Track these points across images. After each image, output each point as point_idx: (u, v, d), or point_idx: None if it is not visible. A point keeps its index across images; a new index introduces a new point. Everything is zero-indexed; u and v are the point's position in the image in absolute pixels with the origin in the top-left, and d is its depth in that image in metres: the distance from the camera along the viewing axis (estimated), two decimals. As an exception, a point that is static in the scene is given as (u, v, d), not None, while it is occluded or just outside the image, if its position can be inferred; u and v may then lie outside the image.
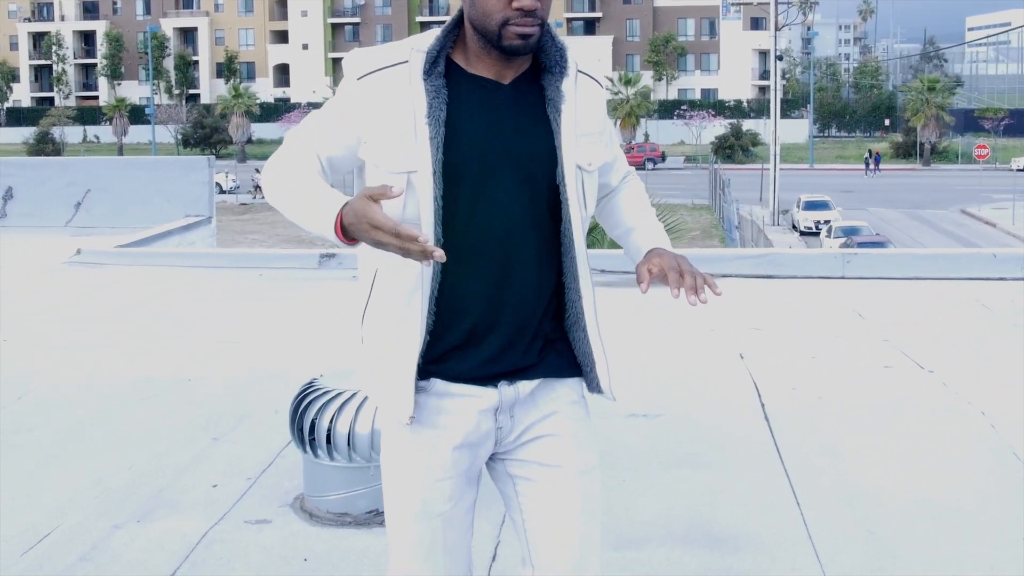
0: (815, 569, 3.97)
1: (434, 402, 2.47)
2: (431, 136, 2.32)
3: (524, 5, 2.27)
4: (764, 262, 10.76)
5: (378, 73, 2.39)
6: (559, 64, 2.42)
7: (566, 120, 2.39)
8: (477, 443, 2.51)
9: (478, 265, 2.41)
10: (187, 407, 5.99)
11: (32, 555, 4.14)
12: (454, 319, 2.43)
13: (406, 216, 2.33)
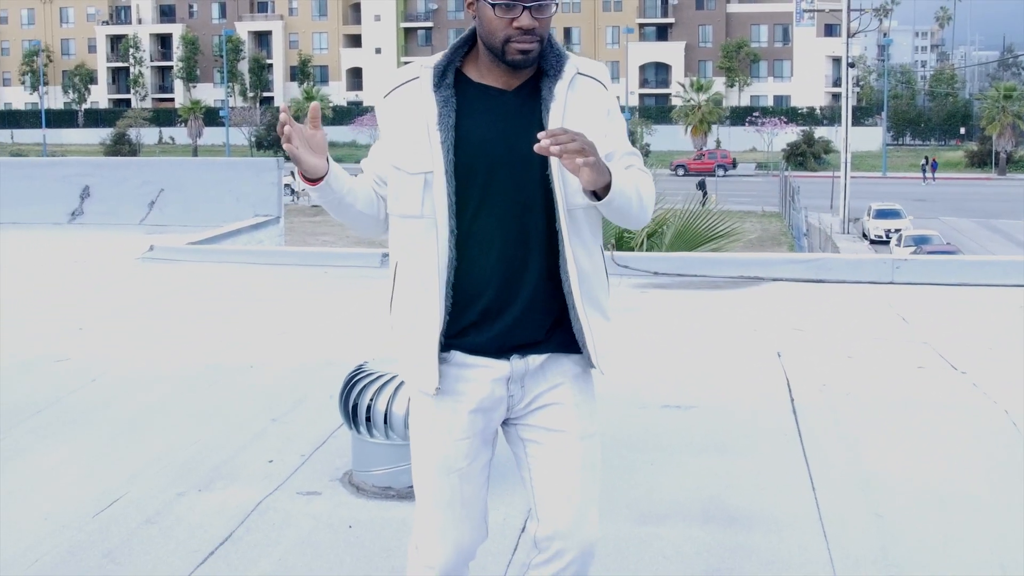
0: (821, 547, 4.26)
1: (454, 372, 2.82)
2: (442, 140, 2.69)
3: (523, 25, 2.63)
4: (814, 266, 10.97)
5: (396, 90, 2.79)
6: (555, 68, 2.76)
7: (554, 118, 2.72)
8: (491, 408, 2.85)
9: (489, 252, 2.76)
10: (249, 391, 6.40)
11: (103, 517, 4.54)
12: (470, 300, 2.79)
13: (424, 211, 2.72)
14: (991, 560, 4.17)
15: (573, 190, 2.73)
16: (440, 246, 2.75)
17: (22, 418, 5.89)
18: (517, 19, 2.65)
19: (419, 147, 2.73)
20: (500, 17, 2.66)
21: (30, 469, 5.13)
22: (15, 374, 6.82)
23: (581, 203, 2.75)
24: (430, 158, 2.71)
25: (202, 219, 14.32)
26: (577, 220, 2.77)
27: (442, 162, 2.71)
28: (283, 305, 9.28)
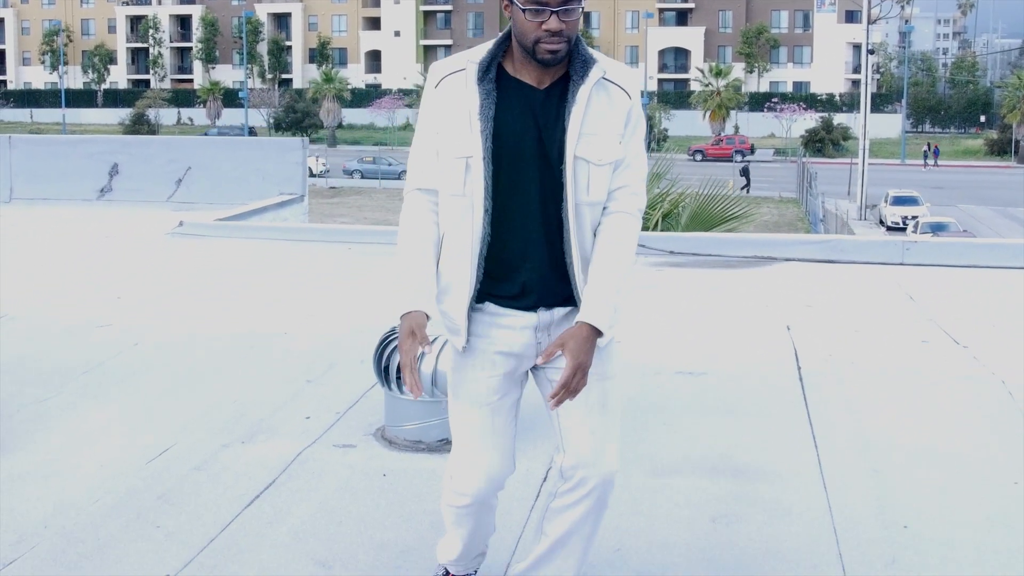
0: (821, 497, 4.59)
1: (487, 319, 3.19)
2: (482, 129, 3.04)
3: (551, 28, 2.96)
4: (826, 247, 11.26)
5: (446, 79, 3.13)
6: (580, 73, 3.07)
7: (573, 120, 3.05)
8: (520, 353, 3.22)
9: (519, 229, 3.13)
10: (284, 356, 6.75)
11: (154, 464, 4.90)
12: (501, 269, 3.16)
13: (465, 191, 3.08)
14: (979, 511, 4.49)
15: (581, 188, 3.08)
16: (475, 222, 3.10)
17: (71, 378, 6.25)
18: (545, 22, 2.96)
19: (461, 133, 3.07)
20: (530, 20, 2.98)
21: (82, 423, 5.49)
22: (61, 339, 7.18)
23: (586, 200, 3.10)
24: (471, 144, 3.06)
25: (228, 197, 14.65)
26: (582, 214, 3.10)
27: (480, 148, 3.05)
28: (310, 278, 9.62)
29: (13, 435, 5.29)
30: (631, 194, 3.14)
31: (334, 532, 4.22)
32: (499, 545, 3.96)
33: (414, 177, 3.20)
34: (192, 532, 4.20)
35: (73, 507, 4.44)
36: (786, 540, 4.20)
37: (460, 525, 3.41)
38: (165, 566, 3.92)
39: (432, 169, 3.16)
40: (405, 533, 4.21)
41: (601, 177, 3.10)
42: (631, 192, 3.14)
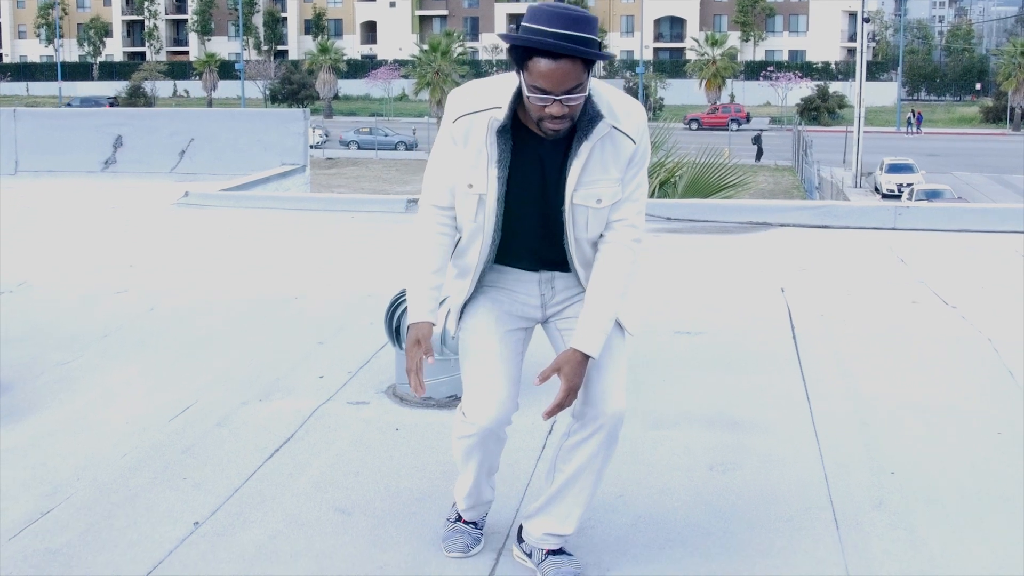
0: (813, 447, 4.83)
1: (495, 273, 3.52)
2: (498, 175, 3.34)
3: (554, 113, 3.19)
4: (821, 213, 11.49)
5: (465, 117, 3.38)
6: (585, 131, 3.30)
7: (572, 173, 3.33)
8: (525, 300, 3.57)
9: (521, 254, 3.53)
10: (294, 320, 6.98)
11: (177, 421, 5.14)
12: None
13: (477, 221, 3.44)
14: (963, 459, 4.73)
15: (580, 227, 3.40)
16: (483, 249, 3.47)
17: (91, 341, 6.49)
18: (548, 107, 3.18)
19: (479, 174, 3.36)
20: (536, 103, 3.20)
21: (105, 384, 5.72)
22: (79, 306, 7.41)
23: (584, 237, 3.43)
24: (487, 185, 3.36)
25: (231, 168, 14.87)
26: (581, 243, 3.44)
27: (495, 191, 3.36)
28: (316, 246, 9.84)
29: (40, 396, 5.52)
30: (628, 226, 3.44)
31: (352, 482, 4.46)
32: (508, 492, 4.20)
33: (430, 194, 3.50)
34: (217, 482, 4.44)
35: (102, 461, 4.68)
36: (780, 485, 4.44)
37: (470, 458, 3.65)
38: (194, 513, 4.16)
39: (447, 190, 3.46)
40: (419, 482, 4.45)
41: (599, 217, 3.41)
42: (628, 224, 3.44)
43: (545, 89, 3.15)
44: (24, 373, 5.87)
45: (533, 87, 3.16)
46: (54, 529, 4.04)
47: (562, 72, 3.12)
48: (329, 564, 3.78)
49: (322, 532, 4.02)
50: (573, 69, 3.13)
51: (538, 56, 3.12)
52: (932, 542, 3.96)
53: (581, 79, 3.15)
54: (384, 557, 3.83)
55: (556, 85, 3.13)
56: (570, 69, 3.12)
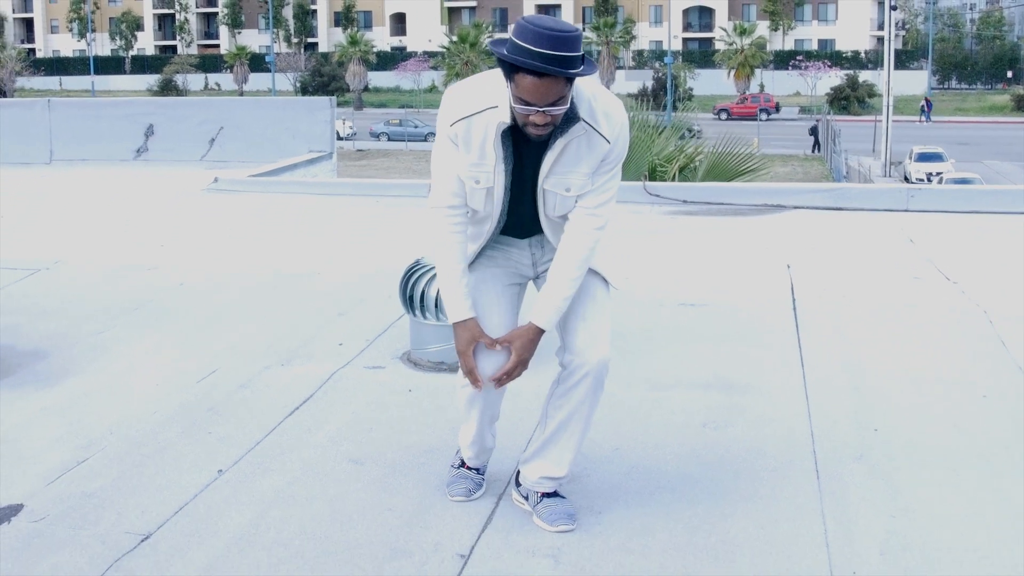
0: (803, 407, 5.09)
1: (493, 240, 3.88)
2: (504, 171, 3.66)
3: (536, 122, 3.48)
4: (834, 195, 11.69)
5: (462, 121, 3.66)
6: (562, 129, 3.58)
7: (545, 163, 3.65)
8: (517, 259, 3.95)
9: (514, 226, 3.87)
10: (315, 293, 7.30)
11: (204, 383, 5.46)
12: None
13: (485, 211, 3.78)
14: (947, 419, 4.98)
15: (550, 208, 3.75)
16: (491, 228, 3.82)
17: (122, 313, 6.83)
18: (532, 116, 3.47)
19: (485, 172, 3.67)
20: (520, 112, 3.48)
21: (135, 351, 6.05)
22: (111, 280, 7.76)
23: (552, 216, 3.77)
24: (493, 180, 3.67)
25: (260, 155, 15.18)
26: (552, 221, 3.80)
27: (502, 184, 3.69)
28: (340, 227, 10.15)
29: (74, 362, 5.85)
30: (589, 215, 3.74)
31: (365, 437, 4.76)
32: (511, 445, 4.48)
33: (440, 196, 3.76)
34: (240, 437, 4.75)
35: (133, 418, 5.00)
36: (768, 441, 4.71)
37: (473, 406, 3.96)
38: (218, 463, 4.47)
39: (454, 189, 3.73)
40: (428, 436, 4.74)
41: (566, 202, 3.73)
42: (589, 213, 3.74)
43: (529, 102, 3.43)
44: (59, 343, 6.20)
45: (518, 98, 3.45)
46: (89, 476, 4.37)
47: (545, 88, 3.40)
48: (341, 506, 4.08)
49: (336, 479, 4.33)
50: (555, 85, 3.41)
51: (524, 73, 3.40)
52: (908, 491, 4.22)
53: (563, 92, 3.44)
54: (392, 501, 4.13)
55: (540, 99, 3.42)
56: (552, 85, 3.40)
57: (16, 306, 7.01)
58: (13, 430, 4.88)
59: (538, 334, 3.75)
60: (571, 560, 3.69)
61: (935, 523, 3.95)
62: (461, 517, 3.99)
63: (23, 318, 6.69)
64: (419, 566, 3.65)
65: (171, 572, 3.61)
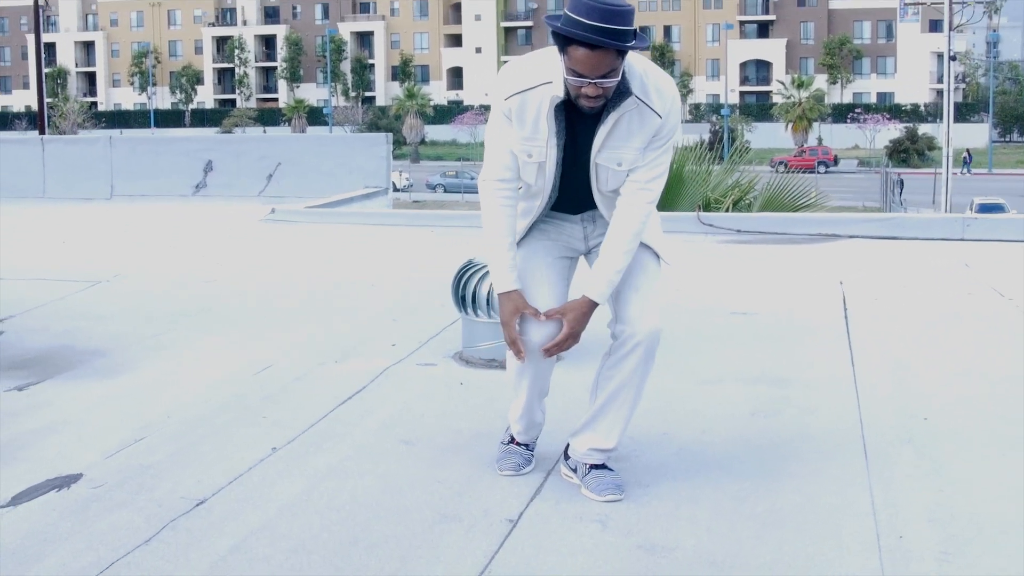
0: (852, 399, 5.10)
1: (545, 215, 3.97)
2: (556, 144, 3.74)
3: (588, 93, 3.57)
4: (889, 225, 11.68)
5: (517, 96, 3.77)
6: (615, 103, 3.67)
7: (598, 137, 3.73)
8: (569, 234, 4.00)
9: (567, 202, 3.94)
10: (372, 301, 7.43)
11: (260, 376, 5.57)
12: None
13: (537, 183, 3.85)
14: (994, 411, 4.96)
15: (602, 183, 3.82)
16: (543, 203, 3.90)
17: (180, 317, 6.99)
18: (584, 88, 3.56)
19: (538, 147, 3.76)
20: (573, 84, 3.58)
21: (192, 351, 6.18)
22: (170, 290, 7.94)
23: (605, 191, 3.85)
24: (545, 154, 3.76)
25: (317, 191, 15.35)
26: (606, 196, 3.87)
27: (554, 158, 3.78)
28: (395, 249, 10.28)
29: (134, 359, 5.98)
30: (640, 188, 3.82)
31: (416, 422, 4.83)
32: (561, 429, 4.51)
33: (492, 169, 3.86)
34: (293, 421, 4.83)
35: (190, 405, 5.11)
36: (816, 427, 4.73)
37: (523, 376, 3.99)
38: (272, 443, 4.55)
39: (506, 163, 3.83)
40: (477, 423, 4.80)
41: (618, 176, 3.81)
42: (641, 187, 3.82)
43: (581, 73, 3.52)
44: (119, 343, 6.33)
45: (571, 70, 3.54)
46: (146, 451, 4.47)
47: (597, 60, 3.50)
48: (392, 480, 4.14)
49: (387, 458, 4.39)
50: (607, 57, 3.50)
51: (576, 45, 3.49)
52: (955, 469, 4.23)
53: (615, 65, 3.53)
54: (442, 474, 4.19)
55: (591, 71, 3.52)
56: (604, 57, 3.50)
57: (76, 312, 7.17)
58: (73, 415, 4.99)
59: (591, 307, 3.81)
60: (618, 525, 3.72)
61: (982, 496, 3.95)
62: (510, 488, 4.04)
63: (83, 323, 6.84)
64: (467, 529, 3.70)
65: (226, 531, 3.68)
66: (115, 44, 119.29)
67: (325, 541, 3.60)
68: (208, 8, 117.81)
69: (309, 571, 3.39)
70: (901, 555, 3.47)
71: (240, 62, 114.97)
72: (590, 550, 3.54)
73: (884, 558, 3.45)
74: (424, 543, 3.58)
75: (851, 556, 3.47)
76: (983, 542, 3.57)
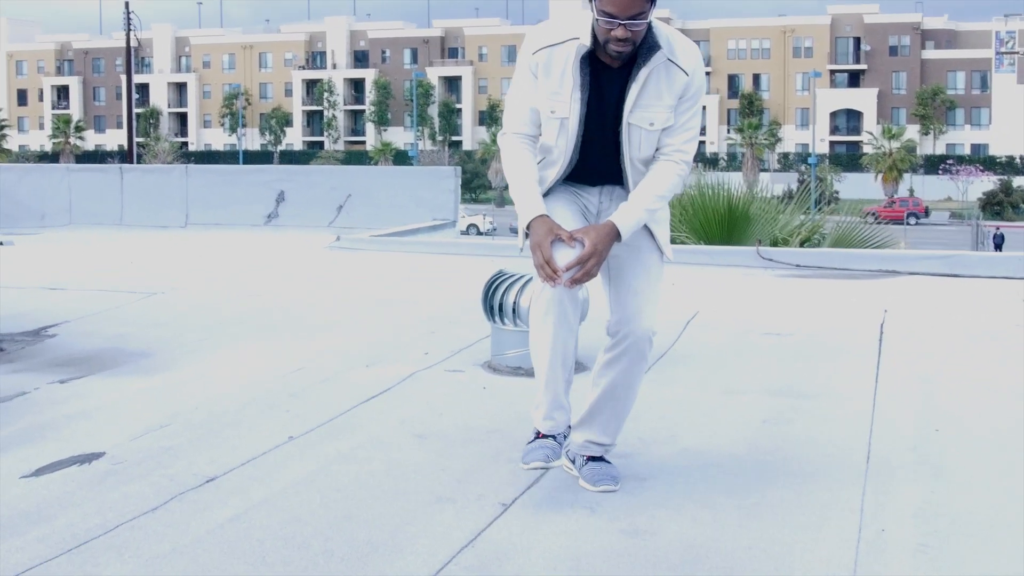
0: (867, 411, 5.14)
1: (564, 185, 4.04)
2: (580, 98, 3.84)
3: (618, 35, 3.69)
4: (951, 262, 11.57)
5: (545, 50, 3.89)
6: (644, 58, 3.79)
7: (630, 95, 3.83)
8: (587, 202, 4.06)
9: (587, 171, 4.00)
10: (412, 315, 7.60)
11: (290, 377, 5.76)
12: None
13: (558, 143, 3.93)
14: (1015, 426, 4.96)
15: (634, 147, 3.89)
16: (563, 166, 3.95)
17: (226, 324, 7.26)
18: (614, 30, 3.69)
19: (561, 100, 3.86)
20: (603, 26, 3.71)
21: (231, 354, 6.40)
22: (220, 301, 8.25)
23: (637, 156, 3.92)
24: (568, 109, 3.86)
25: (385, 222, 15.59)
26: (635, 165, 3.94)
27: (577, 115, 3.88)
28: (450, 274, 10.45)
29: (174, 360, 6.21)
30: (675, 150, 3.93)
31: (434, 420, 4.97)
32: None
33: (512, 123, 3.97)
34: (314, 415, 5.00)
35: (219, 398, 5.31)
36: (825, 435, 4.78)
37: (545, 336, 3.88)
38: (289, 432, 4.72)
39: (528, 118, 3.94)
40: (493, 422, 4.93)
41: (651, 139, 3.90)
42: (675, 149, 3.93)
43: (612, 14, 3.65)
44: (164, 346, 6.57)
45: (602, 11, 3.67)
46: (168, 436, 4.67)
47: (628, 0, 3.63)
48: (397, 465, 4.29)
49: (398, 448, 4.54)
50: None
51: None
52: (952, 474, 4.27)
53: (644, 8, 3.68)
54: (447, 463, 4.33)
55: (622, 10, 3.65)
56: None
57: (129, 319, 7.44)
58: (109, 404, 5.22)
59: (613, 232, 3.79)
60: (606, 512, 3.83)
61: (974, 497, 4.00)
62: (509, 477, 4.16)
63: (134, 328, 7.09)
64: (460, 510, 3.82)
65: (231, 504, 3.85)
66: (207, 85, 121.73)
67: (322, 515, 3.75)
68: (298, 51, 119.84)
69: (300, 540, 3.54)
70: (878, 546, 3.53)
71: (329, 105, 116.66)
72: (574, 532, 3.64)
73: (861, 548, 3.51)
74: (415, 520, 3.72)
75: (829, 546, 3.54)
76: (963, 537, 3.61)
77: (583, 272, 3.73)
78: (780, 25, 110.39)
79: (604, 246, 3.76)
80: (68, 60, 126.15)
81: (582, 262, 3.72)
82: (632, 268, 3.96)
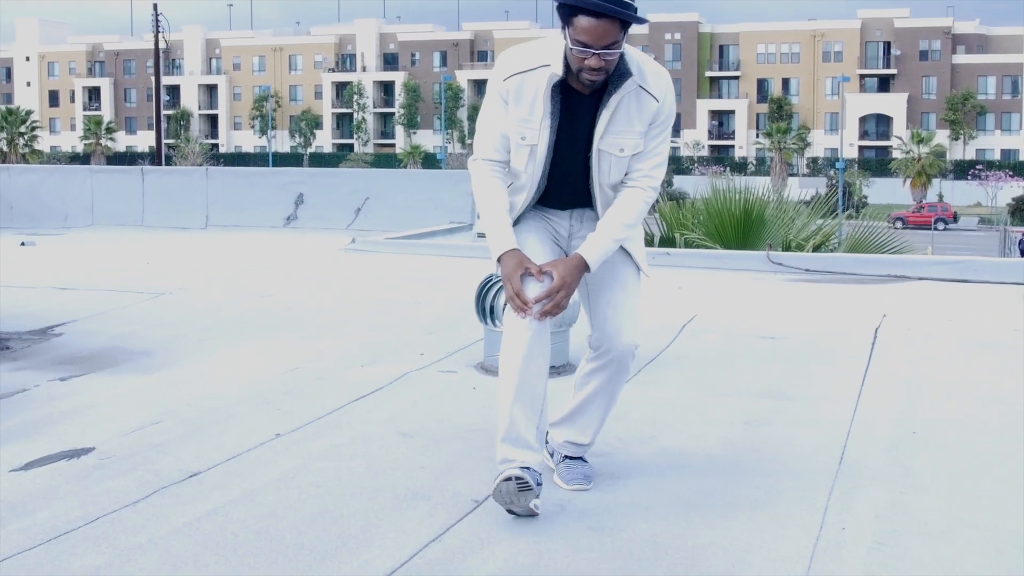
0: (848, 415, 5.20)
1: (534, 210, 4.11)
2: (550, 127, 3.89)
3: (592, 65, 3.73)
4: (960, 267, 11.59)
5: (516, 76, 3.93)
6: (615, 85, 3.85)
7: (601, 121, 3.88)
8: (557, 227, 4.11)
9: (557, 196, 4.06)
10: (413, 317, 7.70)
11: (286, 376, 5.89)
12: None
13: (527, 169, 3.97)
14: (992, 432, 5.02)
15: (604, 173, 3.95)
16: (531, 192, 4.02)
17: (229, 325, 7.39)
18: (588, 60, 3.74)
19: (531, 127, 3.91)
20: (577, 56, 3.76)
21: (232, 353, 6.53)
22: (226, 302, 8.37)
23: (607, 182, 3.98)
24: (538, 136, 3.91)
25: (403, 224, 15.74)
26: (604, 190, 4.00)
27: (546, 142, 3.92)
28: (457, 277, 10.54)
29: (174, 359, 6.34)
30: (643, 176, 3.99)
31: (420, 419, 5.08)
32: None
33: (482, 149, 4.02)
34: (304, 413, 5.12)
35: (211, 396, 5.44)
36: (801, 437, 4.85)
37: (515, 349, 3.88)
38: (276, 430, 4.84)
39: (499, 144, 3.98)
40: (478, 420, 5.03)
41: (621, 165, 3.96)
42: (643, 174, 3.99)
43: (586, 43, 3.70)
44: (168, 345, 6.71)
45: (576, 41, 3.72)
46: (159, 432, 4.80)
47: (602, 29, 3.68)
48: (376, 461, 4.40)
49: (381, 445, 4.65)
50: (611, 28, 3.69)
51: (582, 14, 3.69)
52: (922, 476, 4.34)
53: (618, 37, 3.73)
54: (427, 461, 4.43)
55: (596, 40, 3.69)
56: (609, 27, 3.68)
57: (135, 319, 7.58)
58: (105, 401, 5.35)
59: (582, 265, 3.85)
60: (576, 510, 3.92)
61: (940, 498, 4.07)
62: (487, 475, 4.22)
63: (139, 328, 7.24)
64: (433, 506, 3.92)
65: (211, 499, 3.96)
66: (237, 88, 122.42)
67: (298, 510, 3.86)
68: (328, 54, 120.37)
69: (274, 533, 3.65)
70: (837, 544, 3.61)
71: (358, 107, 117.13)
72: (541, 529, 3.74)
73: (819, 545, 3.59)
74: (389, 516, 3.82)
75: (788, 542, 3.62)
76: (920, 536, 3.69)
77: (552, 304, 3.81)
78: (810, 29, 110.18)
79: (573, 279, 3.84)
80: (99, 61, 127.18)
81: (551, 295, 3.81)
82: (609, 284, 4.04)
